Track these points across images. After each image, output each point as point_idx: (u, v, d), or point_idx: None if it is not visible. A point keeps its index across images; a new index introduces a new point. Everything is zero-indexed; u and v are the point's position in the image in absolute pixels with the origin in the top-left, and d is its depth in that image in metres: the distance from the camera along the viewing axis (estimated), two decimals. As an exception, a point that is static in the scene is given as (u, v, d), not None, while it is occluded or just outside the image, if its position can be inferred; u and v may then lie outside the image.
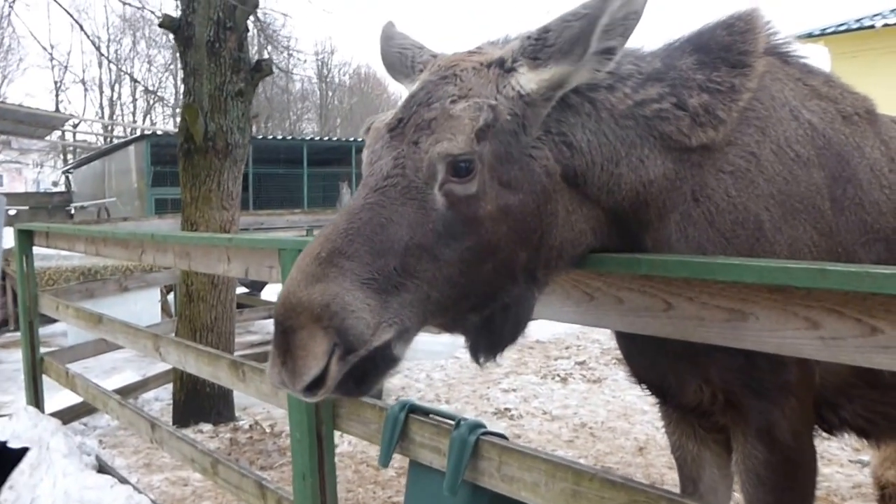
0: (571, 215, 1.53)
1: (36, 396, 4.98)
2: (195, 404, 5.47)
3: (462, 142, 1.37)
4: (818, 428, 1.89)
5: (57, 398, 5.24)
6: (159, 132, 21.19)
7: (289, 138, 22.81)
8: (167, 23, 5.44)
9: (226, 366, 3.09)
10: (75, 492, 3.84)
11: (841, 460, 4.31)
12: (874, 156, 1.83)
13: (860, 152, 1.80)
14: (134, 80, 35.66)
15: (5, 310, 9.51)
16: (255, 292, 10.25)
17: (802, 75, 1.86)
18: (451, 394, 6.11)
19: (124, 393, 5.30)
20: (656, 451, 4.61)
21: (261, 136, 20.66)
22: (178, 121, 5.63)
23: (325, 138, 23.68)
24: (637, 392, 2.00)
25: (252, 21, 6.67)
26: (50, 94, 38.54)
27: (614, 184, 1.56)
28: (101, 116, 39.03)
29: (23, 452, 4.08)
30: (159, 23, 5.63)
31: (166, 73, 38.31)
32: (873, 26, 13.25)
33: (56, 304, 4.97)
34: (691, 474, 2.06)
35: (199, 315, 5.45)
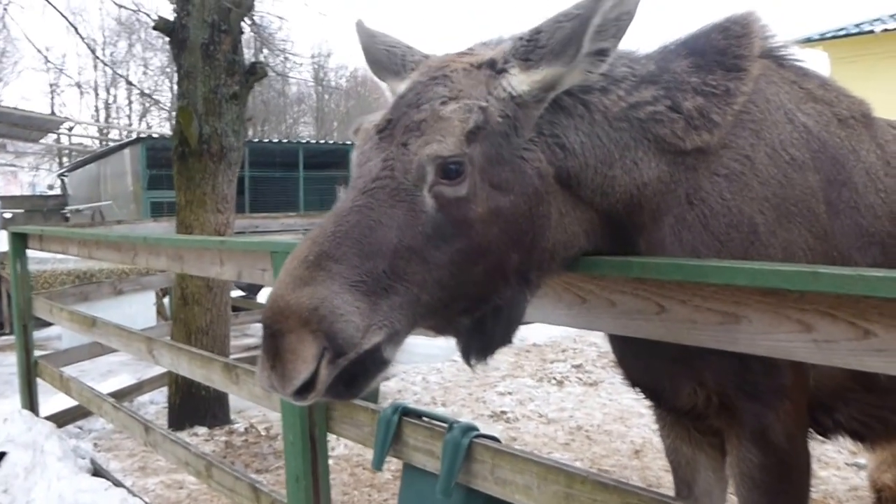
0: (564, 217, 1.53)
1: (31, 400, 4.96)
2: (190, 407, 5.45)
3: (452, 144, 1.36)
4: (813, 431, 1.89)
5: (52, 402, 5.22)
6: (155, 135, 21.14)
7: (285, 141, 22.76)
8: (162, 25, 5.43)
9: (219, 368, 3.08)
10: (70, 495, 3.83)
11: (838, 463, 4.31)
12: (870, 159, 1.82)
13: (856, 156, 1.80)
14: (129, 83, 35.59)
15: (0, 313, 9.49)
16: (252, 295, 10.23)
17: (798, 78, 1.85)
18: (448, 397, 6.10)
19: (119, 396, 5.29)
20: (652, 454, 4.60)
21: (257, 140, 20.62)
22: (173, 124, 5.62)
23: (322, 142, 23.62)
24: (633, 395, 1.99)
25: (248, 24, 6.66)
26: (45, 96, 38.52)
27: (608, 186, 1.55)
28: (97, 119, 38.97)
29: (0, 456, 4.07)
30: (153, 25, 5.61)
31: (162, 77, 38.27)
32: (873, 31, 13.28)
33: (50, 307, 4.95)
34: (686, 477, 2.06)
35: (194, 318, 5.44)
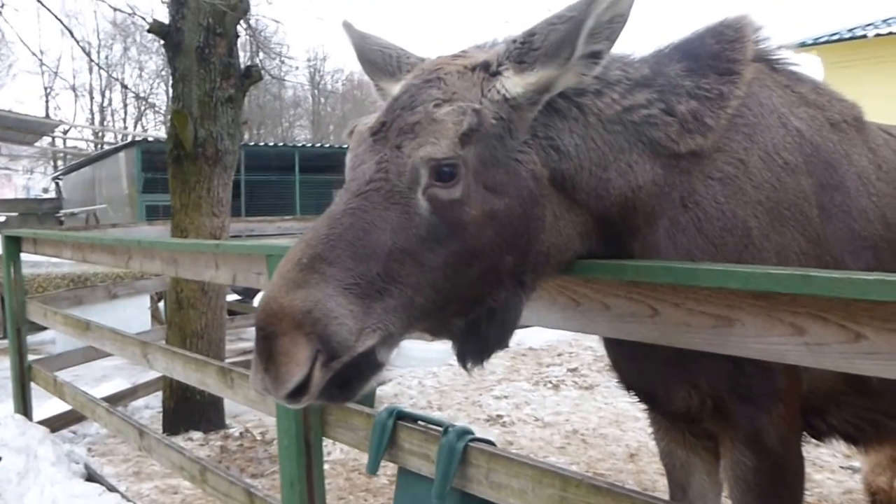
0: (559, 220, 1.53)
1: (24, 404, 4.94)
2: (185, 412, 5.43)
3: (445, 146, 1.36)
4: (806, 434, 1.89)
5: (45, 406, 5.20)
6: (150, 138, 21.08)
7: (281, 145, 22.72)
8: (156, 28, 5.42)
9: (214, 372, 3.07)
10: (63, 500, 3.81)
11: (832, 466, 4.32)
12: (862, 163, 1.83)
13: (848, 160, 1.81)
14: (124, 86, 35.55)
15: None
16: (248, 299, 10.20)
17: (790, 82, 1.86)
18: (444, 401, 6.10)
19: (114, 401, 5.27)
20: (648, 457, 4.60)
21: (253, 143, 20.57)
22: (168, 127, 5.61)
23: (318, 145, 23.59)
24: (629, 399, 2.00)
25: (244, 28, 6.66)
26: (40, 99, 38.40)
27: (603, 189, 1.56)
28: (92, 122, 38.91)
29: None
30: (148, 28, 5.61)
31: (157, 80, 38.22)
32: (865, 36, 13.35)
33: (44, 310, 4.93)
34: (680, 481, 2.06)
35: (189, 322, 5.43)
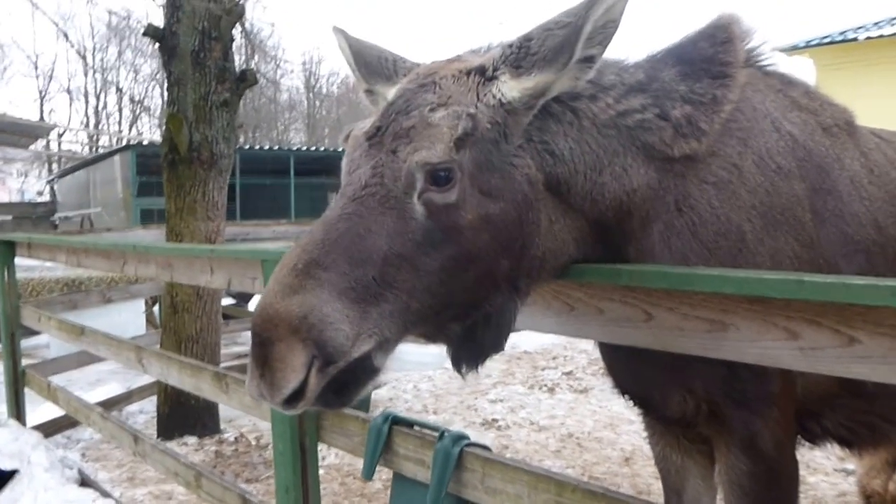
0: (554, 225, 1.53)
1: (17, 409, 4.92)
2: (180, 417, 5.41)
3: (441, 150, 1.37)
4: (801, 438, 1.89)
5: (39, 411, 5.18)
6: (145, 142, 21.05)
7: (275, 148, 22.73)
8: (152, 32, 5.42)
9: (209, 377, 3.07)
10: (56, 506, 3.79)
11: (826, 469, 4.33)
12: (854, 167, 1.84)
13: (840, 164, 1.81)
14: (119, 89, 35.51)
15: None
16: (243, 303, 10.19)
17: (783, 86, 1.87)
18: (439, 405, 6.09)
19: (108, 405, 5.25)
20: (643, 461, 4.61)
21: (248, 147, 20.58)
22: (164, 130, 5.61)
23: (313, 148, 23.60)
24: (623, 402, 2.00)
25: (239, 31, 6.66)
26: (34, 102, 38.44)
27: (598, 193, 1.56)
28: (87, 126, 38.85)
29: (10, 475, 4.03)
30: (143, 32, 5.60)
31: (152, 83, 38.20)
32: (856, 39, 13.43)
33: (38, 315, 4.91)
34: (675, 485, 2.06)
35: (184, 326, 5.41)
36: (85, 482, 4.28)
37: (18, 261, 5.10)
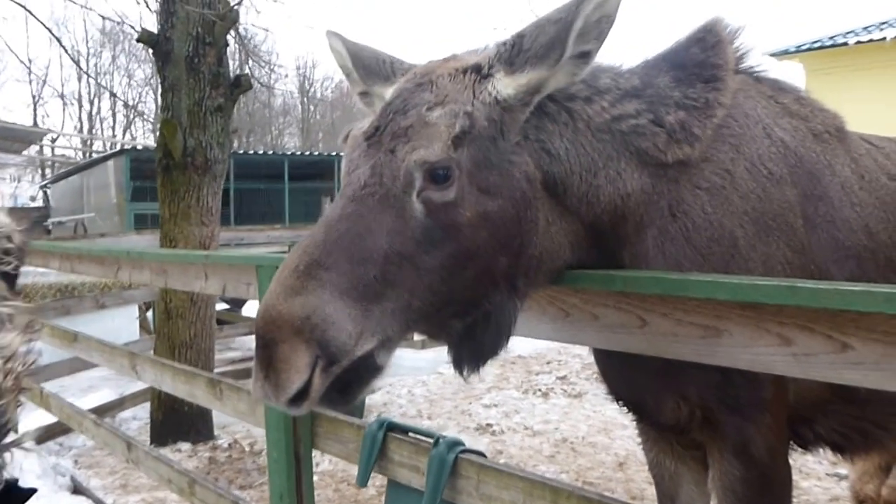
0: (551, 226, 1.54)
1: (9, 416, 4.88)
2: (173, 423, 5.40)
3: (438, 149, 1.37)
4: (793, 443, 1.90)
5: (31, 418, 5.14)
6: (139, 147, 21.01)
7: (270, 153, 22.69)
8: (146, 38, 5.42)
9: (203, 384, 3.06)
10: (49, 514, 3.77)
11: (818, 473, 4.34)
12: (844, 173, 1.85)
13: (831, 170, 1.82)
14: (113, 94, 35.46)
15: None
16: (236, 309, 10.17)
17: (774, 93, 1.88)
18: (433, 409, 6.09)
19: (101, 412, 5.23)
20: (636, 466, 4.61)
21: (242, 152, 20.55)
22: (158, 135, 5.60)
23: (307, 153, 23.58)
24: (617, 407, 2.01)
25: (232, 36, 6.66)
26: (28, 108, 38.28)
27: (593, 195, 1.57)
28: (80, 131, 38.73)
29: (30, 493, 4.00)
30: (137, 38, 5.60)
31: (146, 88, 38.13)
32: (846, 43, 13.52)
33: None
34: (669, 491, 2.06)
35: (177, 332, 5.40)
36: (77, 489, 4.26)
37: (11, 266, 5.08)
